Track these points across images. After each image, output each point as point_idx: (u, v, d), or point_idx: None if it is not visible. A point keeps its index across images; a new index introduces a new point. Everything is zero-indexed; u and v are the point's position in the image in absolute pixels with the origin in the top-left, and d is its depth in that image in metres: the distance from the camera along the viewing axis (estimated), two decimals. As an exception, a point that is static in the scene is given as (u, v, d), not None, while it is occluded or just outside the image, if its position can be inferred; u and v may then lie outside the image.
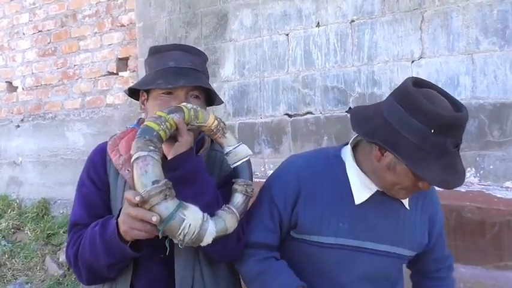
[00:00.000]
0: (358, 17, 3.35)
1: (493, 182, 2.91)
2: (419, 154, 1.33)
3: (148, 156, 1.30)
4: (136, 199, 1.26)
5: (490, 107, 2.88)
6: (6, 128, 6.54)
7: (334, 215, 1.52)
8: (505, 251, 2.79)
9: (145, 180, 1.27)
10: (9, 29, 6.47)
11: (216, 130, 1.52)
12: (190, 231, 1.28)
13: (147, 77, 1.59)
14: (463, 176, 1.39)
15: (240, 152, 1.55)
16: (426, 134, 1.33)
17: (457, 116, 1.37)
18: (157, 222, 1.26)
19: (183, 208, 1.29)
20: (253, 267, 1.56)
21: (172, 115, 1.40)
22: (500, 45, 2.85)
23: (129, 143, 1.56)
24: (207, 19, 4.14)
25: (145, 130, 1.35)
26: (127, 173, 1.54)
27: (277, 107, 3.77)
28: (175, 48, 1.62)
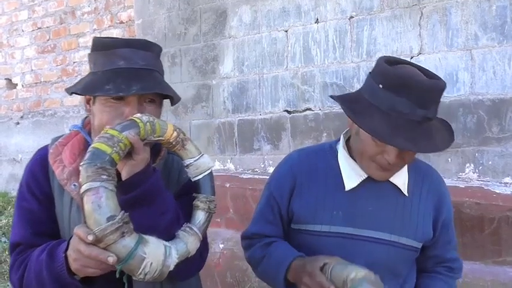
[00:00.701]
0: (357, 13, 3.35)
1: (492, 177, 2.91)
2: (369, 110, 1.36)
3: (101, 187, 1.16)
4: (89, 238, 1.13)
5: (489, 103, 2.89)
6: (5, 125, 6.54)
7: (329, 203, 1.55)
8: (504, 247, 2.80)
9: (98, 216, 1.13)
10: (8, 26, 6.46)
11: (175, 143, 1.37)
12: (152, 270, 1.18)
13: (93, 78, 1.39)
14: (419, 141, 1.33)
15: (202, 164, 1.42)
16: (375, 89, 1.37)
17: (409, 75, 1.36)
18: (114, 263, 1.14)
19: (143, 244, 1.18)
20: (258, 252, 1.62)
21: (126, 133, 1.24)
22: (499, 40, 2.85)
23: (73, 151, 1.43)
24: (206, 16, 4.14)
25: (96, 154, 1.19)
26: (73, 188, 1.38)
27: (276, 104, 3.77)
28: (124, 44, 1.41)
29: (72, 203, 1.40)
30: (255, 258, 1.64)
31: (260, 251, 1.62)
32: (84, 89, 1.39)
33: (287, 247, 1.59)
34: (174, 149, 1.38)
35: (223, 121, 4.11)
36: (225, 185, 3.84)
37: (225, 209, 3.86)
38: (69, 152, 1.43)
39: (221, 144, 4.13)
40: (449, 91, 3.01)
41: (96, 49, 1.42)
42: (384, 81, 1.36)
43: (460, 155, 3.00)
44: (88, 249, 1.15)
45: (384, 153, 1.42)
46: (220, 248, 3.88)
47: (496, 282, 2.78)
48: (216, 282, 3.83)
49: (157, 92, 1.41)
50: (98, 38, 1.46)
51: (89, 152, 1.21)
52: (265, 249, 1.61)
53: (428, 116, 1.36)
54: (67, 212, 1.40)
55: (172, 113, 4.42)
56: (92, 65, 1.43)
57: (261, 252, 1.61)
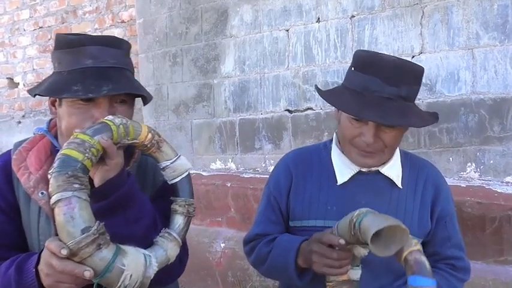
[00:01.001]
0: (358, 12, 3.35)
1: (494, 177, 2.91)
2: (343, 91, 1.45)
3: (74, 197, 1.08)
4: (63, 253, 1.05)
5: (491, 102, 2.88)
6: (7, 124, 6.55)
7: (323, 198, 1.56)
8: (505, 246, 2.80)
9: (72, 228, 1.06)
10: (10, 25, 6.47)
11: (150, 145, 1.30)
12: (132, 282, 1.11)
13: (58, 78, 1.30)
14: (386, 115, 1.36)
15: (179, 166, 1.35)
16: (349, 72, 1.47)
17: (378, 55, 1.46)
18: (91, 277, 1.07)
19: (121, 255, 1.11)
20: (263, 249, 1.61)
21: (98, 137, 1.17)
22: (501, 40, 2.85)
23: (39, 156, 1.34)
24: (208, 15, 4.14)
25: (66, 162, 1.11)
26: (41, 196, 1.28)
27: (277, 103, 3.77)
28: (92, 41, 1.31)
29: (40, 213, 1.31)
30: (261, 256, 1.62)
31: (265, 247, 1.62)
32: (48, 90, 1.30)
33: (292, 236, 1.59)
34: (149, 151, 1.31)
35: (224, 120, 4.11)
36: (226, 184, 3.84)
37: (226, 208, 3.86)
38: (34, 158, 1.34)
39: (222, 143, 4.13)
40: (451, 90, 3.00)
41: (61, 47, 1.32)
42: (356, 64, 1.46)
43: (461, 154, 3.00)
44: (62, 264, 1.08)
45: (361, 135, 1.45)
46: (222, 247, 3.88)
47: (497, 281, 2.78)
48: (217, 282, 3.84)
49: (129, 92, 1.32)
50: (62, 35, 1.36)
51: (58, 159, 1.13)
52: (270, 244, 1.61)
53: (401, 94, 1.40)
54: (35, 222, 1.31)
55: (174, 112, 4.43)
56: (56, 64, 1.33)
57: (266, 248, 1.61)
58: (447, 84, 3.01)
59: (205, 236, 4.03)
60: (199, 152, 4.29)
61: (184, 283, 4.00)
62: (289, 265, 1.49)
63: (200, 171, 4.21)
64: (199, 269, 3.93)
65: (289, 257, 1.49)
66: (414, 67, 1.48)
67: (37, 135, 1.40)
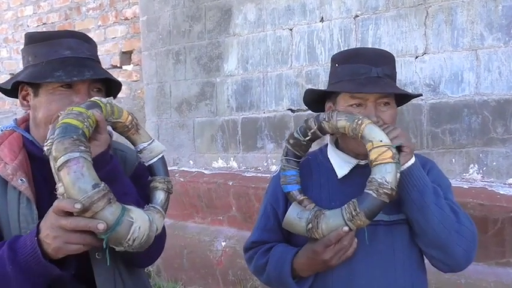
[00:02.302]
0: (362, 12, 3.34)
1: (496, 178, 2.90)
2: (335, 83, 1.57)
3: (81, 158, 1.13)
4: (77, 207, 1.07)
5: (494, 103, 2.87)
6: (10, 120, 6.55)
7: (325, 195, 1.58)
8: (508, 248, 2.79)
9: (83, 184, 1.10)
10: (14, 21, 6.48)
11: (130, 126, 1.40)
12: (140, 235, 1.16)
13: (37, 68, 1.35)
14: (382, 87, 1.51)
15: (155, 148, 1.45)
16: (334, 70, 1.61)
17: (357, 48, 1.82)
18: (104, 229, 1.10)
19: (128, 211, 1.16)
20: (260, 259, 1.63)
21: (92, 111, 1.25)
22: (505, 41, 2.84)
23: (12, 148, 1.37)
24: (211, 13, 4.14)
25: (69, 129, 1.17)
26: (21, 182, 1.31)
27: (280, 102, 3.76)
28: (69, 35, 1.40)
29: (20, 199, 1.32)
30: (259, 267, 1.65)
31: (262, 258, 1.64)
32: (29, 77, 1.35)
33: (287, 246, 1.61)
34: (129, 132, 1.40)
35: (226, 119, 4.10)
36: (228, 183, 3.83)
37: (228, 207, 3.86)
38: (8, 150, 1.37)
39: (224, 142, 4.12)
40: (454, 91, 2.99)
41: (35, 41, 1.39)
42: (339, 60, 1.60)
43: (464, 156, 2.99)
44: (74, 221, 1.10)
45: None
46: (222, 245, 3.88)
47: (499, 283, 2.78)
48: (217, 280, 3.84)
49: (109, 77, 1.41)
50: (33, 32, 1.44)
51: (60, 127, 1.17)
52: (266, 255, 1.62)
53: (386, 73, 1.54)
54: (15, 209, 1.31)
55: (176, 110, 4.42)
56: (31, 58, 1.38)
57: (263, 259, 1.63)
58: (451, 85, 3.00)
59: (206, 234, 4.03)
60: (201, 150, 4.29)
61: (184, 281, 4.00)
62: (286, 278, 1.53)
63: (202, 169, 4.20)
64: (200, 267, 3.93)
65: (284, 271, 1.53)
66: (388, 52, 1.64)
67: (5, 131, 1.43)
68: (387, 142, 1.38)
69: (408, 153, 1.44)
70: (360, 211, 1.37)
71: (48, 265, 1.17)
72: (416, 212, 1.46)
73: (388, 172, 1.36)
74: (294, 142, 1.59)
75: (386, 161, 1.36)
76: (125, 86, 5.19)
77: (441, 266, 1.54)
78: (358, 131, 1.41)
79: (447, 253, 1.49)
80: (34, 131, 1.42)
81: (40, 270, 1.17)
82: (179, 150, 4.43)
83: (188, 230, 4.15)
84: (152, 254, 1.47)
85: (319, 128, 1.52)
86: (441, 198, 1.49)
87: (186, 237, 4.08)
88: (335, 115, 1.47)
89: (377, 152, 1.37)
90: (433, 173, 1.61)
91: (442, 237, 1.47)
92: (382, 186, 1.36)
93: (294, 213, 1.49)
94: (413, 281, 1.54)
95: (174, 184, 4.15)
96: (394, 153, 1.38)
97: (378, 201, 1.36)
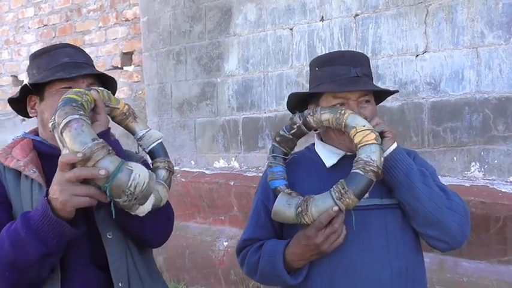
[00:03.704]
0: (362, 11, 3.34)
1: (498, 176, 2.90)
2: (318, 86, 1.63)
3: (81, 119, 1.22)
4: (79, 156, 1.16)
5: (495, 101, 2.87)
6: (11, 122, 6.57)
7: (315, 184, 1.60)
8: (509, 246, 2.79)
9: (84, 138, 1.19)
10: (15, 23, 6.49)
11: (128, 114, 1.51)
12: (140, 181, 1.20)
13: (41, 76, 1.49)
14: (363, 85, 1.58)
15: (153, 134, 1.55)
16: (313, 73, 1.68)
17: (335, 51, 1.88)
18: (106, 176, 1.17)
19: (127, 162, 1.23)
20: (252, 257, 1.64)
21: (90, 92, 1.38)
22: (506, 38, 2.83)
23: (24, 149, 1.49)
24: (211, 13, 4.14)
25: (69, 100, 1.28)
26: (33, 172, 1.42)
27: (281, 102, 3.76)
28: (63, 46, 1.58)
29: (32, 185, 1.42)
30: (251, 265, 1.65)
31: (254, 255, 1.64)
32: (36, 80, 1.48)
33: (278, 240, 1.62)
34: (127, 120, 1.51)
35: (227, 119, 4.11)
36: (229, 182, 3.84)
37: (229, 206, 3.86)
38: (19, 150, 1.49)
39: (225, 142, 4.13)
40: (455, 89, 2.99)
41: (37, 56, 1.55)
42: (319, 64, 1.67)
43: (465, 154, 2.98)
44: (77, 171, 1.19)
45: None
46: (224, 245, 3.88)
47: (501, 281, 2.77)
48: (219, 280, 3.84)
49: (105, 75, 1.56)
50: (35, 52, 1.60)
51: (61, 101, 1.28)
52: (258, 251, 1.63)
53: (364, 73, 1.61)
54: (28, 197, 1.41)
55: (177, 110, 4.43)
56: (35, 70, 1.53)
57: (255, 256, 1.63)
58: (451, 83, 3.00)
59: (208, 234, 4.03)
60: (202, 150, 4.29)
61: (187, 281, 4.01)
62: (279, 269, 1.53)
63: (203, 169, 4.21)
64: (202, 267, 3.93)
65: (276, 261, 1.54)
66: (363, 54, 1.72)
67: (17, 139, 1.56)
68: (370, 127, 1.46)
69: (390, 138, 1.52)
70: (348, 189, 1.40)
71: (59, 221, 1.23)
72: (405, 193, 1.51)
73: (373, 152, 1.41)
74: (280, 139, 1.65)
75: (370, 142, 1.42)
76: (126, 87, 5.20)
77: (439, 245, 1.56)
78: (342, 120, 1.48)
79: (443, 229, 1.52)
80: (42, 133, 1.54)
81: (52, 229, 1.24)
82: (180, 151, 4.43)
83: (190, 230, 4.15)
84: (159, 230, 1.52)
85: (304, 123, 1.58)
86: (428, 178, 1.53)
87: (188, 238, 4.08)
88: (319, 109, 1.55)
89: (361, 135, 1.44)
90: (417, 160, 1.66)
91: (434, 215, 1.50)
92: (368, 163, 1.40)
93: (282, 201, 1.50)
94: (407, 264, 1.55)
95: (176, 184, 4.16)
96: (376, 135, 1.44)
97: (366, 178, 1.40)
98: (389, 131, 1.53)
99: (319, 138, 1.70)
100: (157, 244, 1.59)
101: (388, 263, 1.52)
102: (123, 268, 1.45)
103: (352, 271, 1.51)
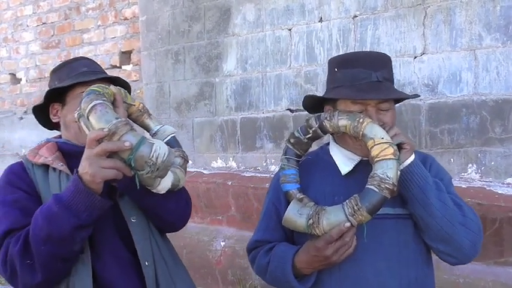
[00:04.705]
0: (360, 12, 3.34)
1: (495, 178, 2.91)
2: (335, 88, 1.57)
3: (104, 103, 1.33)
4: (105, 131, 1.28)
5: (492, 103, 2.88)
6: (9, 120, 6.56)
7: (329, 192, 1.58)
8: (506, 247, 2.80)
9: (108, 117, 1.30)
10: (13, 20, 6.48)
11: (143, 111, 1.61)
12: (161, 153, 1.30)
13: (62, 83, 1.62)
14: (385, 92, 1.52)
15: (167, 129, 1.64)
16: (332, 74, 1.61)
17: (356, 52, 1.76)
18: (130, 148, 1.27)
19: (146, 138, 1.33)
20: (262, 259, 1.65)
21: (109, 87, 1.47)
22: (503, 41, 2.84)
23: (50, 149, 1.60)
24: (210, 13, 4.14)
25: (92, 91, 1.38)
26: (61, 164, 1.55)
27: (279, 102, 3.77)
28: (81, 58, 1.76)
29: (60, 177, 1.54)
30: (261, 267, 1.67)
31: (264, 258, 1.65)
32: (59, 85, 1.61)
33: (288, 245, 1.62)
34: (142, 117, 1.61)
35: (226, 119, 4.11)
36: (227, 183, 3.84)
37: (227, 207, 3.87)
38: (46, 150, 1.60)
39: (223, 142, 4.13)
40: (453, 91, 3.00)
41: (57, 69, 1.69)
42: (338, 65, 1.60)
43: (462, 155, 2.99)
44: (104, 144, 1.29)
45: None
46: (222, 245, 3.89)
47: (497, 282, 2.78)
48: (217, 280, 3.85)
49: (119, 80, 1.68)
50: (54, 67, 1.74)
51: (86, 92, 1.39)
52: (268, 254, 1.64)
53: (385, 76, 1.55)
54: (57, 186, 1.52)
55: (175, 110, 4.43)
56: (57, 81, 1.65)
57: (265, 258, 1.64)
58: (449, 85, 3.01)
59: (205, 234, 4.04)
60: (200, 150, 4.30)
61: (184, 281, 4.01)
62: (288, 275, 1.54)
63: (201, 169, 4.21)
64: (199, 267, 3.94)
65: (286, 268, 1.54)
66: (385, 55, 1.65)
67: (41, 143, 1.66)
68: (388, 139, 1.42)
69: (408, 150, 1.47)
70: (361, 206, 1.39)
71: (90, 193, 1.32)
72: (419, 208, 1.48)
73: (390, 168, 1.39)
74: (294, 141, 1.60)
75: (388, 157, 1.39)
76: (124, 85, 5.20)
77: (449, 259, 1.55)
78: (360, 129, 1.44)
79: (454, 246, 1.50)
80: (66, 135, 1.66)
81: (83, 201, 1.33)
82: (178, 150, 4.43)
83: (187, 229, 4.15)
84: (180, 211, 1.65)
85: (321, 127, 1.53)
86: (443, 193, 1.50)
87: (185, 237, 4.08)
88: (336, 114, 1.50)
89: (379, 149, 1.40)
90: (434, 168, 1.62)
91: (447, 231, 1.48)
92: (384, 181, 1.38)
93: (294, 209, 1.49)
94: (417, 275, 1.54)
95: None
96: (395, 149, 1.41)
97: (380, 196, 1.38)
98: (408, 143, 1.47)
99: (334, 140, 1.66)
100: (179, 226, 1.69)
101: (398, 273, 1.52)
102: (148, 248, 1.55)
103: (363, 280, 1.51)
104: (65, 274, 1.44)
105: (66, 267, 1.43)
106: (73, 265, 1.44)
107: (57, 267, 1.40)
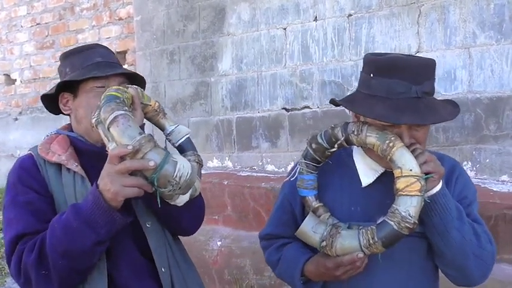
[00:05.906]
0: (355, 11, 3.35)
1: (489, 175, 2.92)
2: (368, 99, 1.42)
3: (126, 115, 1.29)
4: (129, 148, 1.23)
5: (487, 101, 2.89)
6: (4, 121, 6.54)
7: (346, 200, 1.55)
8: (501, 245, 2.80)
9: (131, 132, 1.26)
10: (7, 21, 6.46)
11: (159, 110, 1.58)
12: (184, 172, 1.28)
13: (76, 73, 1.54)
14: (422, 115, 1.37)
15: (182, 130, 1.62)
16: (368, 79, 1.44)
17: (396, 57, 1.45)
18: (154, 167, 1.24)
19: (171, 154, 1.30)
20: (273, 255, 1.67)
21: (127, 89, 1.44)
22: (497, 39, 2.85)
23: (62, 144, 1.54)
24: (205, 13, 4.14)
25: (112, 97, 1.34)
26: (75, 165, 1.49)
27: (274, 102, 3.77)
28: (98, 46, 1.66)
29: (75, 178, 1.48)
30: (272, 261, 1.69)
31: (275, 253, 1.66)
32: (72, 78, 1.53)
33: (298, 249, 1.61)
34: (158, 117, 1.58)
35: (221, 118, 4.11)
36: (223, 182, 3.84)
37: (223, 206, 3.87)
38: (58, 146, 1.53)
39: (219, 141, 4.13)
40: (447, 89, 3.01)
41: (70, 55, 1.60)
42: (375, 70, 1.43)
43: (457, 153, 3.00)
44: (128, 163, 1.25)
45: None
46: (218, 245, 3.88)
47: (493, 280, 2.77)
48: (213, 279, 3.84)
49: (138, 75, 1.63)
50: (66, 50, 1.66)
51: (104, 97, 1.34)
52: (279, 252, 1.65)
53: (425, 91, 1.40)
54: (71, 189, 1.47)
55: (171, 110, 4.43)
56: (69, 68, 1.57)
57: (276, 254, 1.66)
58: (444, 83, 3.02)
59: (201, 234, 4.03)
60: (196, 149, 4.29)
61: (180, 281, 4.01)
62: (296, 282, 1.56)
63: (197, 169, 4.21)
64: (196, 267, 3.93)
65: (295, 274, 1.55)
66: (429, 62, 1.47)
67: (51, 135, 1.60)
68: (417, 171, 1.33)
69: (436, 179, 1.37)
70: (377, 240, 1.35)
71: (111, 210, 1.30)
72: (436, 236, 1.44)
73: (413, 206, 1.33)
74: (316, 147, 1.51)
75: (413, 193, 1.33)
76: (120, 86, 5.19)
77: (456, 282, 1.55)
78: (388, 154, 1.36)
79: (464, 275, 1.50)
80: (77, 128, 1.59)
81: (103, 218, 1.31)
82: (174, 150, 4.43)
83: (184, 229, 4.15)
84: (195, 218, 1.67)
85: (346, 140, 1.44)
86: (464, 224, 1.44)
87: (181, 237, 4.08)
88: (365, 130, 1.40)
89: (405, 182, 1.33)
90: (460, 182, 1.57)
91: (461, 261, 1.46)
92: (405, 219, 1.32)
93: (309, 225, 1.48)
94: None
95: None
96: (422, 185, 1.33)
97: (398, 233, 1.34)
98: (437, 172, 1.36)
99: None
100: (193, 231, 1.72)
101: (406, 287, 1.51)
102: (163, 254, 1.54)
103: None
104: (81, 282, 1.43)
105: (82, 278, 1.42)
106: (89, 274, 1.43)
107: (73, 279, 1.39)
